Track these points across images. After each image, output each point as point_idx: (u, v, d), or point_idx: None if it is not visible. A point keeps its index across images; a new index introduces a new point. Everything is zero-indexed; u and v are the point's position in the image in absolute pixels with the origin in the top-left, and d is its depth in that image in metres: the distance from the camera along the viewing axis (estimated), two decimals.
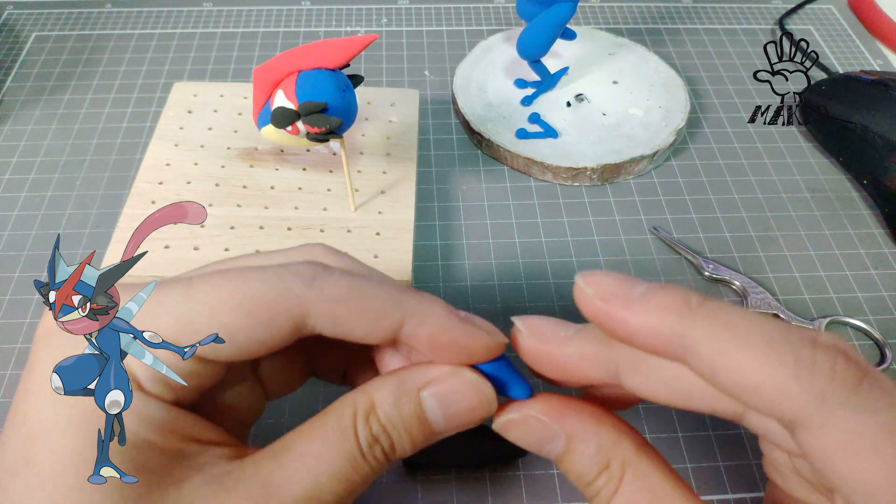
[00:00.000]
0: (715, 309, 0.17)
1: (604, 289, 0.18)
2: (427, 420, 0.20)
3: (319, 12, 0.52)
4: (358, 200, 0.35)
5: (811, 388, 0.15)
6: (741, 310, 0.17)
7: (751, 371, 0.16)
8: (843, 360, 0.15)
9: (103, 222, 0.37)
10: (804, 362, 0.15)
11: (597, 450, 0.19)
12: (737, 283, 0.35)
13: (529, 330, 0.20)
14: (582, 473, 0.19)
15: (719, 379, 0.16)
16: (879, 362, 0.32)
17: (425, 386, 0.20)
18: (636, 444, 0.19)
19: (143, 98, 0.44)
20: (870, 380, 0.15)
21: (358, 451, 0.19)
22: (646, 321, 0.17)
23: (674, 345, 0.17)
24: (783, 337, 0.16)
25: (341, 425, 0.19)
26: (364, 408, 0.19)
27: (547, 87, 0.43)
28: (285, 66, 0.30)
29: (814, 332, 0.16)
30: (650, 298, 0.17)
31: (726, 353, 0.16)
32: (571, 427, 0.19)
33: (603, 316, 0.18)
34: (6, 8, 0.51)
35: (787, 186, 0.40)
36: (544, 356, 0.20)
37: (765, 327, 0.16)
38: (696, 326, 0.16)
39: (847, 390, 0.15)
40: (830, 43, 0.51)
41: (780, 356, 0.15)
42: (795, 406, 0.15)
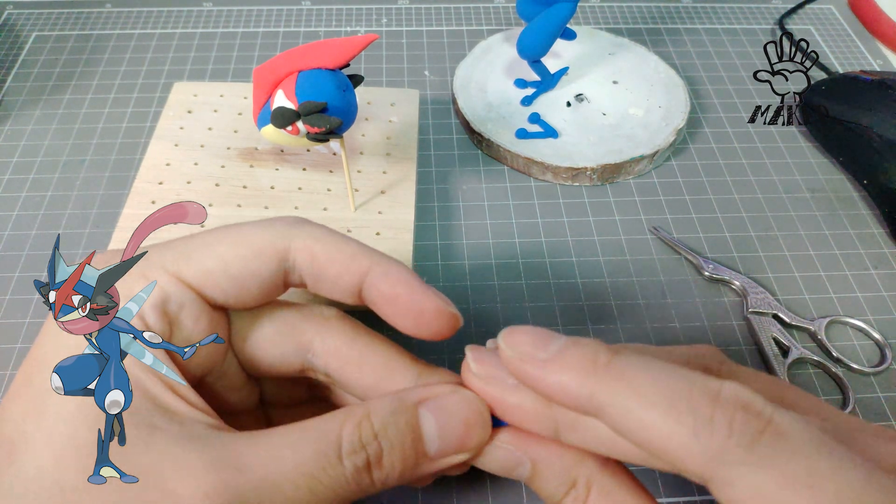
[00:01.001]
0: (621, 366, 0.17)
1: (521, 349, 0.18)
2: (421, 436, 0.20)
3: (319, 12, 0.52)
4: (358, 200, 0.35)
5: (710, 446, 0.15)
6: (649, 364, 0.17)
7: (654, 430, 0.16)
8: (742, 415, 0.15)
9: (103, 222, 0.37)
10: (702, 420, 0.15)
11: (561, 471, 0.19)
12: (737, 283, 0.35)
13: (478, 370, 0.20)
14: (550, 494, 0.20)
15: (629, 437, 0.17)
16: (879, 362, 0.32)
17: (424, 402, 0.20)
18: (600, 462, 0.19)
19: (143, 98, 0.44)
20: (771, 431, 0.15)
21: (334, 452, 0.18)
22: (557, 381, 0.18)
23: (585, 404, 0.17)
24: (684, 393, 0.16)
25: (325, 426, 0.19)
26: (358, 414, 0.19)
27: (547, 87, 0.43)
28: (285, 66, 0.30)
29: (717, 384, 0.16)
30: (560, 358, 0.18)
31: (630, 412, 0.16)
32: (535, 452, 0.20)
33: (521, 375, 0.18)
34: (6, 8, 0.51)
35: (787, 186, 0.40)
36: (489, 399, 0.20)
37: (667, 384, 0.16)
38: (601, 386, 0.17)
39: (745, 445, 0.15)
40: (830, 43, 0.51)
41: (678, 415, 0.16)
42: (698, 464, 0.15)
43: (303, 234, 0.21)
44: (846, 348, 0.33)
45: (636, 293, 0.35)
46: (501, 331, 0.19)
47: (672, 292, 0.35)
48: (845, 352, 0.33)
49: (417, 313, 0.21)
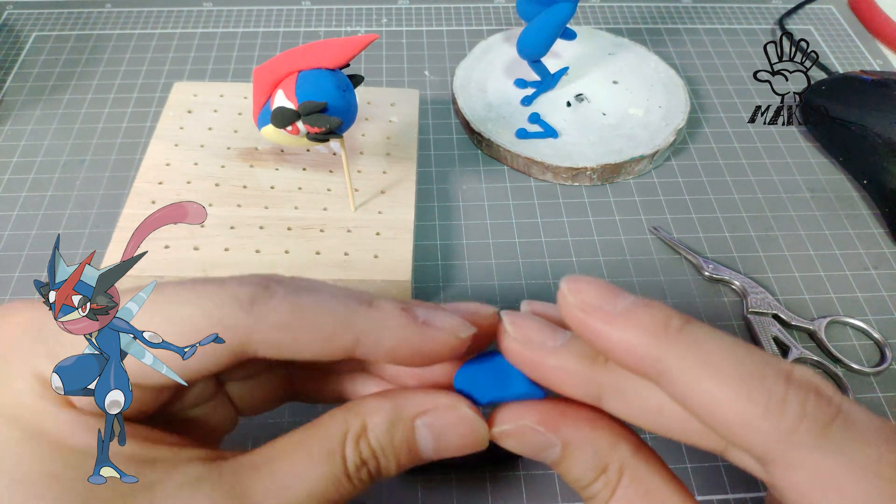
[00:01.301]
0: (694, 335, 0.16)
1: (586, 299, 0.17)
2: (417, 449, 0.19)
3: (319, 12, 0.52)
4: (358, 200, 0.35)
5: (781, 427, 0.15)
6: (721, 337, 0.17)
7: (722, 404, 0.16)
8: (815, 399, 0.15)
9: (103, 222, 0.37)
10: (775, 400, 0.15)
11: (593, 455, 0.18)
12: (737, 283, 0.35)
13: (516, 332, 0.19)
14: (578, 478, 0.19)
15: (691, 407, 0.16)
16: (879, 362, 0.32)
17: (420, 415, 0.19)
18: (633, 447, 0.19)
19: (143, 98, 0.44)
20: (841, 418, 0.15)
21: (343, 474, 0.18)
22: (623, 339, 0.17)
23: (649, 366, 0.17)
24: (757, 371, 0.16)
25: (329, 446, 0.18)
26: (356, 430, 0.19)
27: (547, 87, 0.43)
28: (285, 66, 0.30)
29: (789, 366, 0.16)
30: (630, 316, 0.17)
31: (699, 382, 0.16)
32: (566, 434, 0.19)
33: (582, 327, 0.18)
34: (6, 8, 0.51)
35: (787, 186, 0.40)
36: (527, 362, 0.19)
37: (741, 359, 0.16)
38: (672, 351, 0.16)
39: (816, 430, 0.15)
40: (830, 43, 0.51)
41: (751, 392, 0.15)
42: (765, 443, 0.15)
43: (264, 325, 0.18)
44: (846, 348, 0.33)
45: (636, 293, 0.34)
46: (564, 278, 0.18)
47: (672, 292, 0.35)
48: (845, 352, 0.33)
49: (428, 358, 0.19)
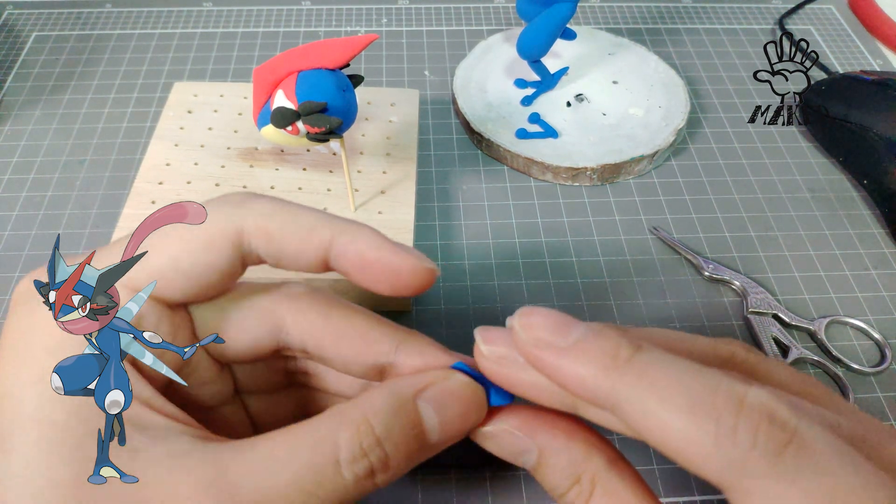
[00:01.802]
0: (643, 363, 0.16)
1: (537, 334, 0.17)
2: (424, 430, 0.19)
3: (319, 12, 0.52)
4: (358, 200, 0.35)
5: (731, 456, 0.15)
6: (672, 363, 0.16)
7: (673, 434, 0.15)
8: (767, 426, 0.15)
9: (103, 222, 0.37)
10: (725, 428, 0.15)
11: (567, 464, 0.19)
12: (737, 283, 0.35)
13: (489, 351, 0.19)
14: (554, 486, 0.19)
15: (645, 437, 0.16)
16: (879, 362, 0.32)
17: (420, 392, 0.19)
18: (608, 460, 0.19)
19: (143, 98, 0.44)
20: (795, 445, 0.15)
21: (332, 463, 0.18)
22: (574, 373, 0.17)
23: (602, 398, 0.17)
24: (708, 399, 0.15)
25: (319, 435, 0.18)
26: (355, 420, 0.18)
27: (547, 87, 0.43)
28: (285, 66, 0.30)
29: (743, 389, 0.16)
30: (580, 349, 0.17)
31: (649, 413, 0.16)
32: (543, 441, 0.19)
33: (535, 362, 0.18)
34: (6, 8, 0.51)
35: (787, 186, 0.40)
36: (502, 378, 0.19)
37: (691, 387, 0.16)
38: (621, 383, 0.16)
39: (768, 458, 0.15)
40: (830, 43, 0.51)
41: (701, 421, 0.15)
42: (718, 471, 0.15)
43: (253, 214, 0.20)
44: (846, 348, 0.33)
45: (636, 293, 0.35)
46: (517, 310, 0.18)
47: (672, 292, 0.35)
48: (845, 352, 0.33)
49: (393, 275, 0.20)
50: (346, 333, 0.21)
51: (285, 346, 0.22)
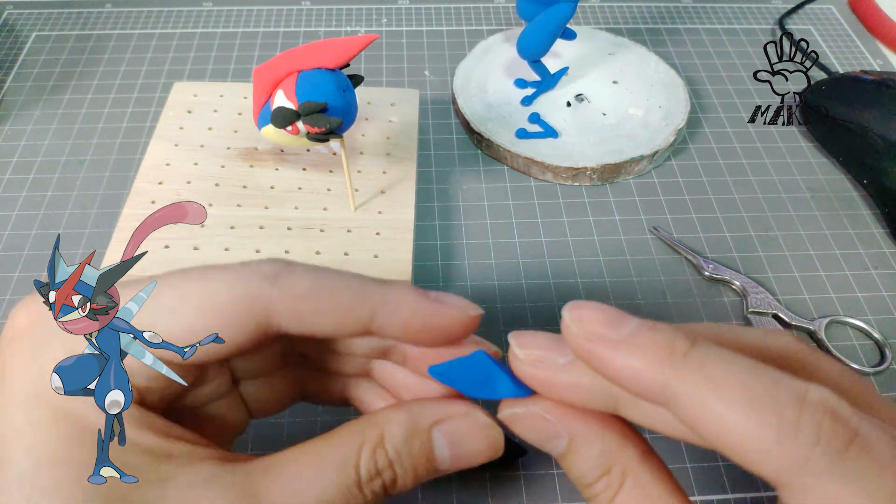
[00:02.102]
0: (700, 358, 0.16)
1: (589, 327, 0.17)
2: (434, 459, 0.19)
3: (319, 12, 0.52)
4: (358, 200, 0.35)
5: (793, 453, 0.14)
6: (730, 358, 0.16)
7: (732, 430, 0.15)
8: (830, 422, 0.15)
9: (103, 222, 0.37)
10: (788, 424, 0.15)
11: (599, 454, 0.18)
12: (737, 283, 0.35)
13: (525, 355, 0.19)
14: (582, 475, 0.19)
15: (701, 432, 0.16)
16: (879, 362, 0.32)
17: (437, 424, 0.20)
18: (640, 452, 0.18)
19: (143, 98, 0.44)
20: (858, 443, 0.14)
21: (355, 484, 0.18)
22: (628, 366, 0.16)
23: (657, 393, 0.16)
24: (769, 394, 0.15)
25: (344, 456, 0.19)
26: (372, 441, 0.19)
27: (547, 87, 0.43)
28: (285, 66, 0.30)
29: (804, 385, 0.15)
30: (634, 342, 0.17)
31: (707, 408, 0.15)
32: (575, 428, 0.19)
33: (587, 356, 0.17)
34: (6, 8, 0.51)
35: (787, 186, 0.40)
36: (539, 382, 0.19)
37: (751, 381, 0.15)
38: (678, 377, 0.16)
39: (830, 456, 0.14)
40: (830, 43, 0.51)
41: (762, 416, 0.15)
42: (777, 468, 0.15)
43: (285, 294, 0.18)
44: (846, 348, 0.33)
45: (636, 293, 0.35)
46: (567, 304, 0.18)
47: (672, 292, 0.35)
48: (845, 352, 0.33)
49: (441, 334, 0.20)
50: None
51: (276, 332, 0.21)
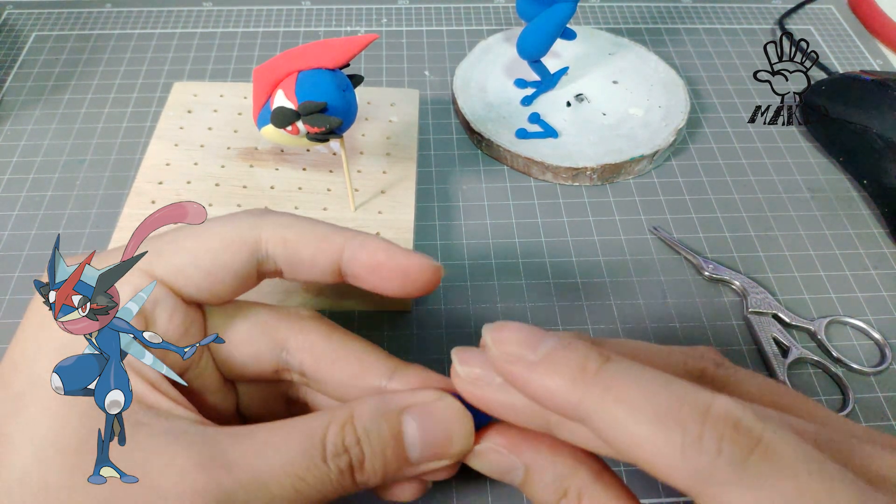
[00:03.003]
0: (611, 375, 0.16)
1: (507, 349, 0.18)
2: (403, 444, 0.20)
3: (319, 12, 0.52)
4: (358, 200, 0.35)
5: (697, 465, 0.15)
6: (640, 374, 0.16)
7: (641, 444, 0.15)
8: (732, 433, 0.15)
9: (103, 222, 0.37)
10: (691, 437, 0.15)
11: (553, 479, 0.19)
12: (737, 283, 0.35)
13: (464, 372, 0.19)
14: (543, 501, 0.19)
15: (615, 447, 0.16)
16: (879, 362, 0.32)
17: (408, 408, 0.20)
18: (593, 472, 0.19)
19: (143, 98, 0.44)
20: (760, 451, 0.15)
21: (320, 456, 0.18)
22: (544, 386, 0.17)
23: (572, 411, 0.17)
24: (674, 409, 0.15)
25: (311, 427, 0.19)
26: (342, 417, 0.19)
27: (547, 87, 0.43)
28: (285, 66, 0.30)
29: (709, 398, 0.16)
30: (549, 362, 0.17)
31: (618, 423, 0.16)
32: (528, 458, 0.19)
33: (507, 377, 0.18)
34: (6, 8, 0.51)
35: (787, 186, 0.40)
36: (478, 400, 0.20)
37: (657, 397, 0.16)
38: (589, 395, 0.16)
39: (733, 465, 0.15)
40: (830, 43, 0.51)
41: (668, 431, 0.15)
42: (685, 479, 0.15)
43: (271, 223, 0.22)
44: (846, 348, 0.33)
45: (636, 293, 0.35)
46: (488, 325, 0.18)
47: (672, 292, 0.35)
48: (845, 352, 0.33)
49: (402, 274, 0.21)
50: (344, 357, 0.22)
51: (285, 367, 0.23)
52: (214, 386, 0.23)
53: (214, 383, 0.23)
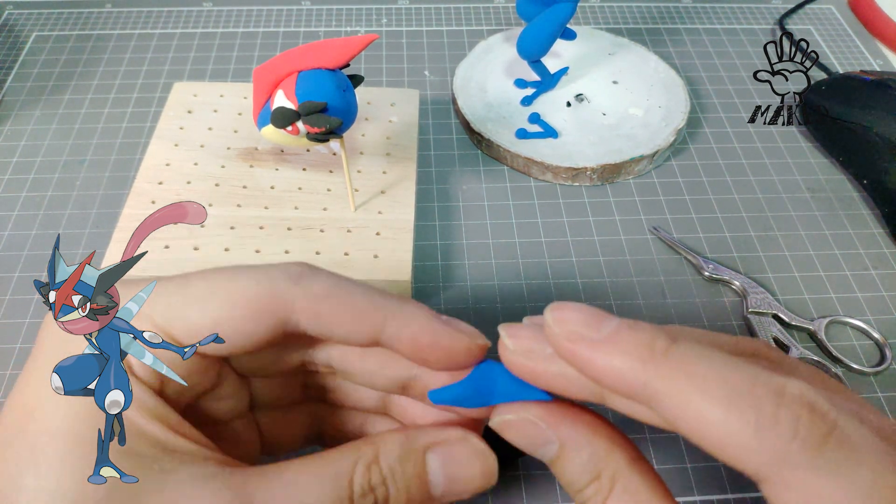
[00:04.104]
0: (680, 355, 0.16)
1: (570, 328, 0.17)
2: (427, 482, 0.20)
3: (319, 12, 0.52)
4: (358, 200, 0.35)
5: (772, 447, 0.15)
6: (709, 355, 0.16)
7: (712, 426, 0.15)
8: (808, 416, 0.15)
9: (103, 222, 0.37)
10: (766, 419, 0.15)
11: (588, 459, 0.18)
12: (737, 283, 0.35)
13: (515, 345, 0.19)
14: (572, 480, 0.19)
15: (682, 429, 0.16)
16: (879, 362, 0.32)
17: (432, 447, 0.20)
18: (629, 458, 0.19)
19: (143, 98, 0.44)
20: (836, 436, 0.15)
21: (348, 497, 0.18)
22: (609, 365, 0.17)
23: (638, 391, 0.16)
24: (747, 389, 0.15)
25: (339, 468, 0.19)
26: (367, 456, 0.19)
27: (547, 87, 0.43)
28: (285, 66, 0.30)
29: (782, 381, 0.15)
30: (615, 341, 0.17)
31: (687, 405, 0.16)
32: (565, 434, 0.19)
33: (569, 356, 0.18)
34: (6, 8, 0.51)
35: (787, 186, 0.40)
36: (529, 372, 0.19)
37: (729, 377, 0.15)
38: (658, 375, 0.16)
39: (809, 450, 0.14)
40: (830, 43, 0.51)
41: (741, 412, 0.15)
42: (757, 463, 0.15)
43: (307, 293, 0.20)
44: (846, 348, 0.33)
45: (636, 293, 0.35)
46: (548, 305, 0.18)
47: (672, 292, 0.35)
48: (845, 352, 0.33)
49: (447, 356, 0.20)
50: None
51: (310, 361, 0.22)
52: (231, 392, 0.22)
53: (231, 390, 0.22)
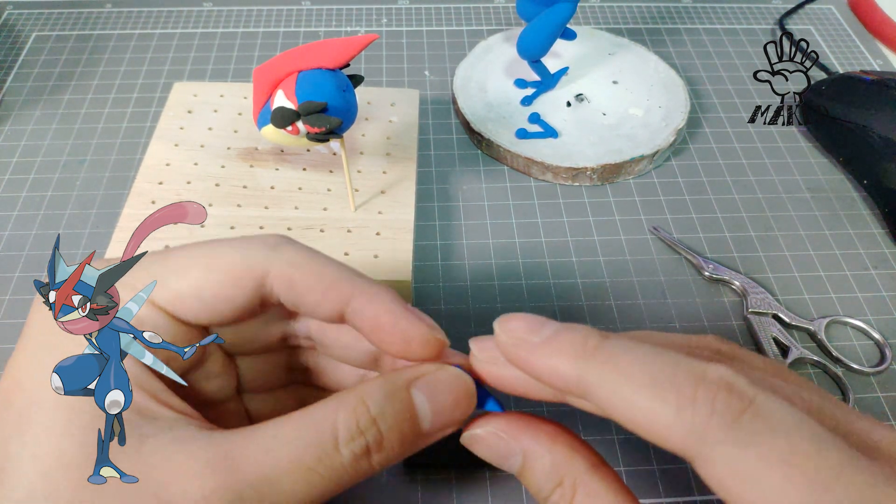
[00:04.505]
0: (609, 350, 0.17)
1: (515, 334, 0.19)
2: (416, 415, 0.20)
3: (319, 12, 0.52)
4: (358, 200, 0.35)
5: (692, 425, 0.16)
6: (636, 347, 0.17)
7: (639, 410, 0.16)
8: (725, 395, 0.16)
9: (103, 222, 0.37)
10: (685, 400, 0.16)
11: (550, 467, 0.20)
12: (737, 283, 0.35)
13: (480, 353, 0.21)
14: (539, 488, 0.20)
15: (615, 416, 0.17)
16: (879, 362, 0.32)
17: (414, 382, 0.20)
18: (589, 464, 0.20)
19: (143, 98, 0.44)
20: (752, 410, 0.16)
21: (331, 443, 0.18)
22: (548, 364, 0.18)
23: (574, 386, 0.18)
24: (669, 375, 0.16)
25: (320, 415, 0.19)
26: (352, 401, 0.19)
27: (547, 87, 0.43)
28: (285, 66, 0.30)
29: (703, 366, 0.17)
30: (552, 342, 0.18)
31: (617, 394, 0.17)
32: (527, 444, 0.20)
33: (514, 359, 0.19)
34: (6, 8, 0.51)
35: (787, 186, 0.40)
36: (495, 378, 0.20)
37: (653, 366, 0.17)
38: (590, 369, 0.17)
39: (724, 425, 0.15)
40: (830, 43, 0.51)
41: (664, 395, 0.16)
42: (682, 441, 0.16)
43: (281, 260, 0.21)
44: (846, 348, 0.33)
45: (636, 293, 0.35)
46: (498, 317, 0.20)
47: (672, 292, 0.35)
48: (845, 352, 0.33)
49: (404, 341, 0.21)
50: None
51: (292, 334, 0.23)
52: (217, 370, 0.23)
53: (218, 367, 0.23)
